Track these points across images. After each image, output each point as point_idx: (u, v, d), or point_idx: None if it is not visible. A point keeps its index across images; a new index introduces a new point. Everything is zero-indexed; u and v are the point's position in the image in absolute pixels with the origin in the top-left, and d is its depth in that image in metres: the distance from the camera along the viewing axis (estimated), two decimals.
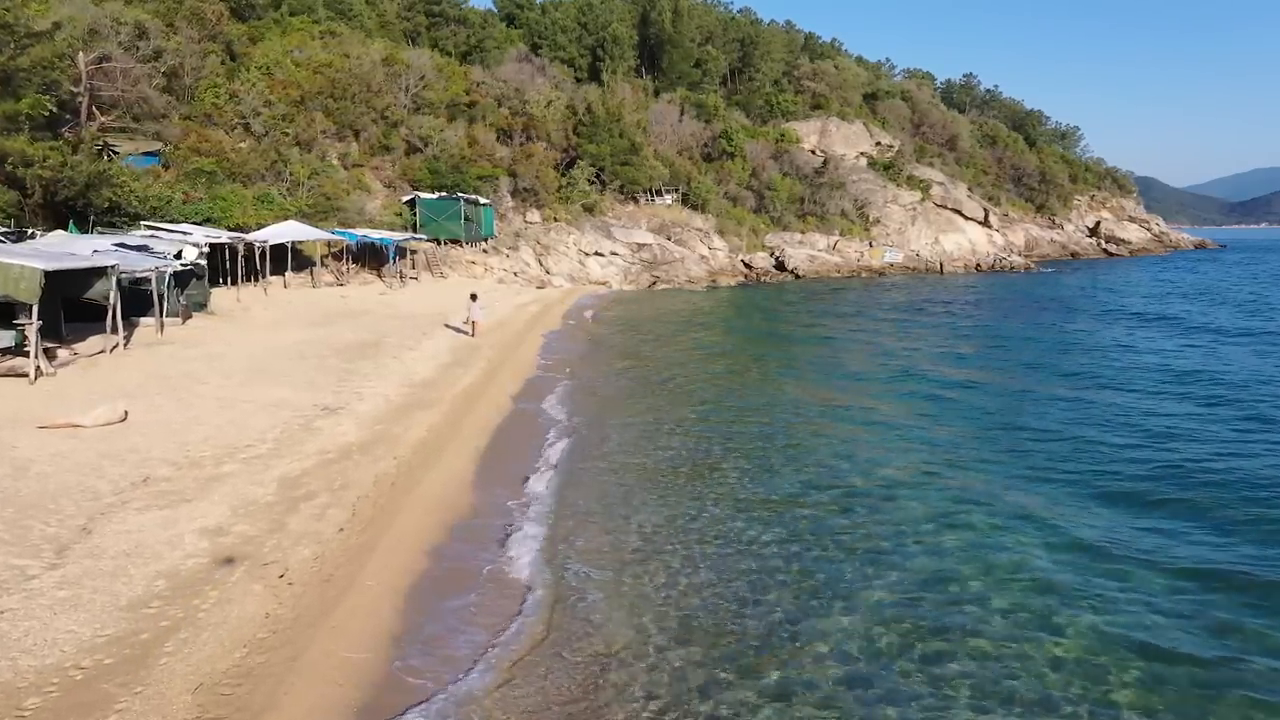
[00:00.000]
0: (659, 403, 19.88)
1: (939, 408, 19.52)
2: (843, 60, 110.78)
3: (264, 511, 10.68)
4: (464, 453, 14.06)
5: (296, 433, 14.55)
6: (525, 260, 53.43)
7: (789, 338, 33.28)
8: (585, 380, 22.43)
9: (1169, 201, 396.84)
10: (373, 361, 21.95)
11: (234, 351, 21.81)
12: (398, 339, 26.18)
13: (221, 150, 48.08)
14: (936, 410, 19.23)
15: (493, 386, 19.85)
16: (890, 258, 74.71)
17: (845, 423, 18.12)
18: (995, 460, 14.84)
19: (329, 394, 17.78)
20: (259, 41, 61.64)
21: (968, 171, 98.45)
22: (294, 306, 32.47)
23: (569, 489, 12.87)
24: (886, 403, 20.14)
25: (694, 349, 29.25)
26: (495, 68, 71.47)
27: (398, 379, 19.94)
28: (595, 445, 15.53)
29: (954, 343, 31.23)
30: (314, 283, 40.80)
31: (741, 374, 24.71)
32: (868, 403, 20.07)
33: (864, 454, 15.15)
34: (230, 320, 27.40)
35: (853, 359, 27.59)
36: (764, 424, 17.62)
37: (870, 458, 14.87)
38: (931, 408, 19.50)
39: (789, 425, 17.62)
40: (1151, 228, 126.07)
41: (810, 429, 17.38)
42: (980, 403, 20.07)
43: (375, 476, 12.24)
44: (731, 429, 17.11)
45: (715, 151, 74.45)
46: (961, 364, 26.29)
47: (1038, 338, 32.10)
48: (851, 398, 20.82)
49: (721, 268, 62.52)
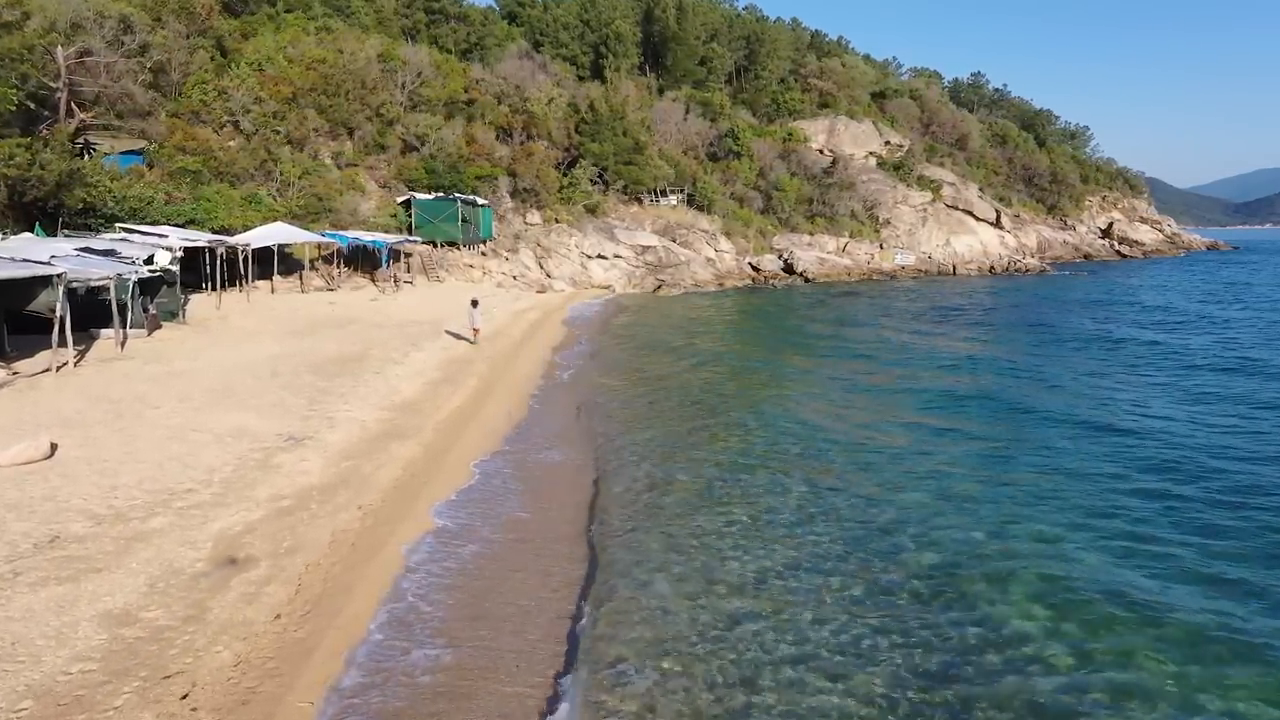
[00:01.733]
0: (669, 437, 16.92)
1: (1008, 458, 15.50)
2: (850, 58, 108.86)
3: (187, 588, 8.64)
4: (440, 503, 11.98)
5: (250, 472, 12.51)
6: (525, 263, 51.42)
7: (808, 349, 31.03)
8: (587, 400, 20.36)
9: (1173, 202, 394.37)
10: (353, 378, 19.91)
11: (200, 368, 19.78)
12: (384, 351, 24.15)
13: (209, 149, 46.10)
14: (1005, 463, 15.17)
15: (484, 410, 17.80)
16: (901, 260, 72.61)
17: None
18: (1106, 537, 11.41)
19: (297, 420, 15.75)
20: (251, 37, 59.67)
21: (978, 172, 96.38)
22: (277, 314, 30.44)
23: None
24: (956, 466, 15.07)
25: (704, 364, 27.06)
26: (495, 65, 69.41)
27: (378, 400, 17.90)
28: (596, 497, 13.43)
29: (1001, 360, 27.26)
30: (303, 288, 38.83)
31: (763, 398, 21.69)
32: (937, 456, 15.53)
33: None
34: (204, 330, 25.38)
35: (897, 391, 22.73)
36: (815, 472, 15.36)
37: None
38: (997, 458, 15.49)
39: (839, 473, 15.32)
40: (1164, 229, 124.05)
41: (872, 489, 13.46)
42: (1060, 445, 16.14)
43: (333, 534, 10.20)
44: (774, 478, 14.02)
45: (721, 151, 72.40)
46: (1019, 389, 22.24)
47: (1106, 357, 28.40)
48: (906, 440, 16.74)
49: (728, 270, 60.45)
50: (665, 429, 17.45)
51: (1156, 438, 16.73)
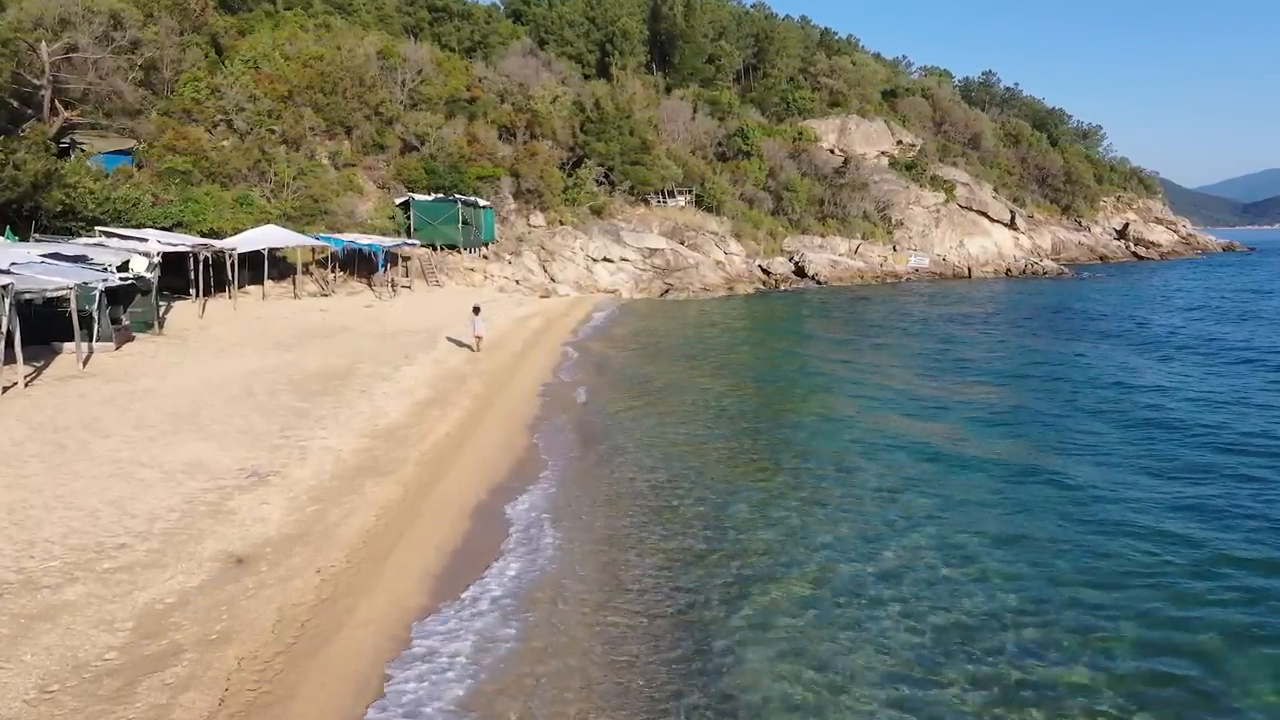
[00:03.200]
0: (702, 479, 14.45)
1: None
2: (860, 56, 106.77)
3: (85, 695, 6.89)
4: (417, 562, 10.18)
5: (199, 520, 10.77)
6: (528, 267, 49.66)
7: (823, 359, 29.24)
8: (592, 427, 18.54)
9: (1181, 203, 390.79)
10: (335, 398, 18.18)
11: (167, 387, 18.06)
12: (373, 365, 22.42)
13: (200, 148, 44.48)
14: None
15: (475, 438, 16.01)
16: (915, 262, 70.65)
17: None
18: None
19: (265, 450, 14.02)
20: (248, 35, 58.07)
21: (992, 172, 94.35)
22: (264, 323, 28.75)
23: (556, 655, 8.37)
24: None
25: (718, 378, 25.30)
26: (498, 62, 67.69)
27: (360, 424, 16.16)
28: (598, 556, 11.60)
29: (1034, 380, 24.59)
30: (295, 293, 37.11)
31: (788, 424, 19.64)
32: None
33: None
34: (181, 343, 23.66)
35: (925, 409, 20.59)
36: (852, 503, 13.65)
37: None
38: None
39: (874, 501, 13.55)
40: (1179, 230, 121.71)
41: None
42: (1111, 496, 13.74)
43: (280, 611, 8.44)
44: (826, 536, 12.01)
45: (730, 150, 70.57)
46: (1056, 420, 19.33)
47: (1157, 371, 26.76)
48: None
49: (738, 274, 58.61)
50: (693, 466, 15.37)
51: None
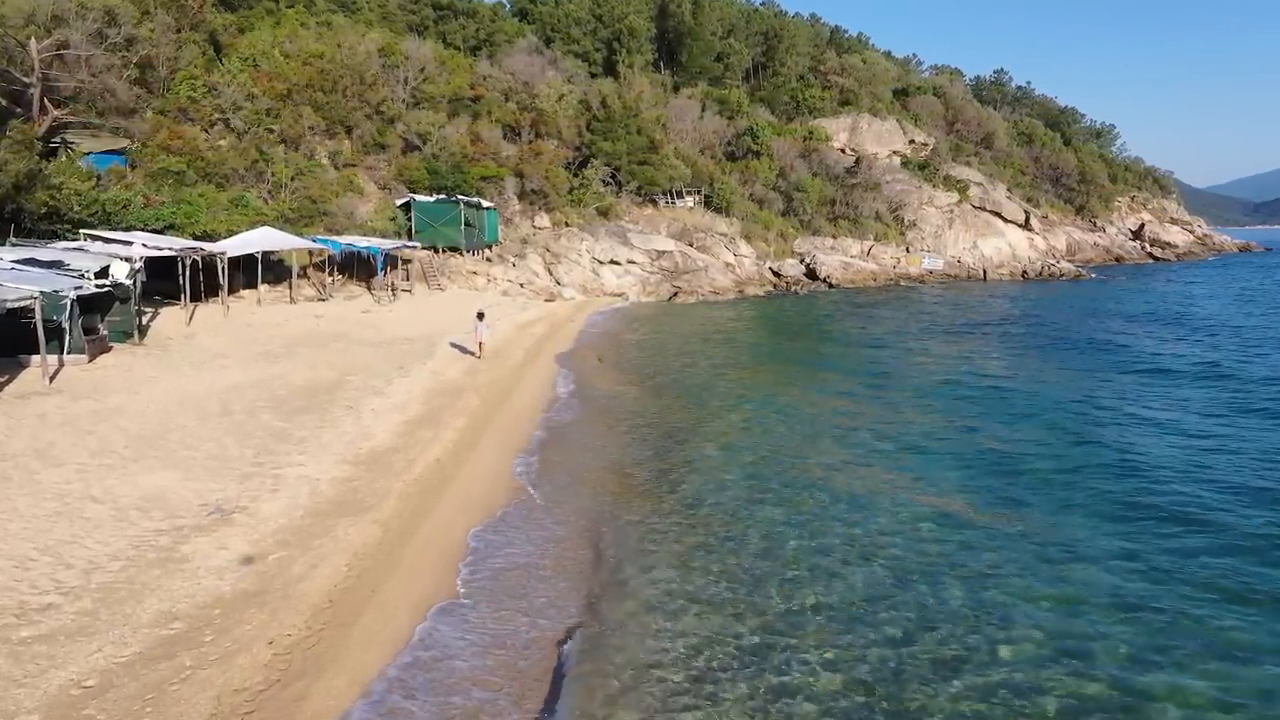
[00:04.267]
0: (718, 523, 12.78)
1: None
2: (870, 55, 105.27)
3: None
4: (388, 628, 8.75)
5: (145, 570, 9.41)
6: (533, 270, 48.27)
7: (858, 383, 27.71)
8: (595, 452, 17.14)
9: (1191, 202, 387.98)
10: (319, 417, 16.83)
11: (138, 404, 16.72)
12: (365, 377, 21.06)
13: (196, 148, 43.26)
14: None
15: (468, 466, 14.58)
16: (929, 264, 69.02)
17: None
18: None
19: (235, 479, 12.66)
20: (248, 33, 56.83)
21: (1005, 171, 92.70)
22: (254, 330, 27.42)
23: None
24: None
25: (733, 391, 23.90)
26: (503, 60, 66.35)
27: (342, 447, 14.80)
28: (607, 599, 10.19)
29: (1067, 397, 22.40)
30: (291, 297, 35.78)
31: (817, 457, 17.51)
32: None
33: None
34: (162, 354, 22.33)
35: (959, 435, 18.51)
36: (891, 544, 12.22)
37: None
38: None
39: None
40: (1194, 230, 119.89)
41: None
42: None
43: (216, 702, 7.05)
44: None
45: (739, 150, 69.10)
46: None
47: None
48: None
49: (748, 276, 57.11)
50: (722, 504, 13.70)
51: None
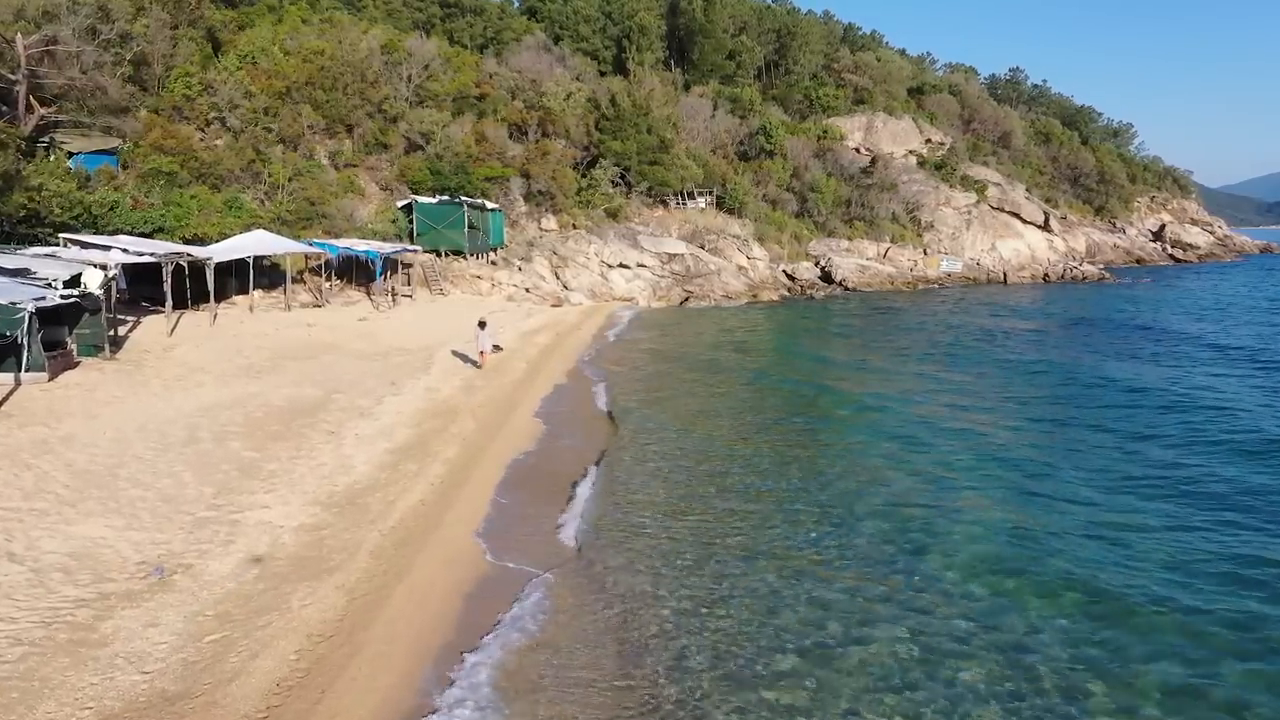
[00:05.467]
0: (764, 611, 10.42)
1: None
2: (885, 52, 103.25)
3: None
4: None
5: (51, 658, 7.71)
6: (539, 273, 46.57)
7: (892, 399, 25.86)
8: (601, 498, 15.35)
9: (1205, 202, 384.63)
10: (295, 445, 15.16)
11: (93, 431, 15.06)
12: (353, 395, 19.39)
13: (190, 148, 41.76)
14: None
15: (455, 509, 12.83)
16: (948, 267, 67.04)
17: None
18: None
19: (185, 527, 10.98)
20: (248, 29, 55.33)
21: (1023, 171, 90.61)
22: (240, 341, 25.79)
23: None
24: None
25: (755, 412, 22.13)
26: (510, 58, 64.69)
27: (315, 485, 13.10)
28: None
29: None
30: (286, 304, 34.15)
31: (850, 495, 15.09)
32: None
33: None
34: (134, 369, 20.68)
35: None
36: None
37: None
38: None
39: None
40: (1215, 231, 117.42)
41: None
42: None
43: None
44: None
45: (752, 149, 67.22)
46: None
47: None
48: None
49: (762, 280, 55.27)
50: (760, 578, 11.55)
51: None
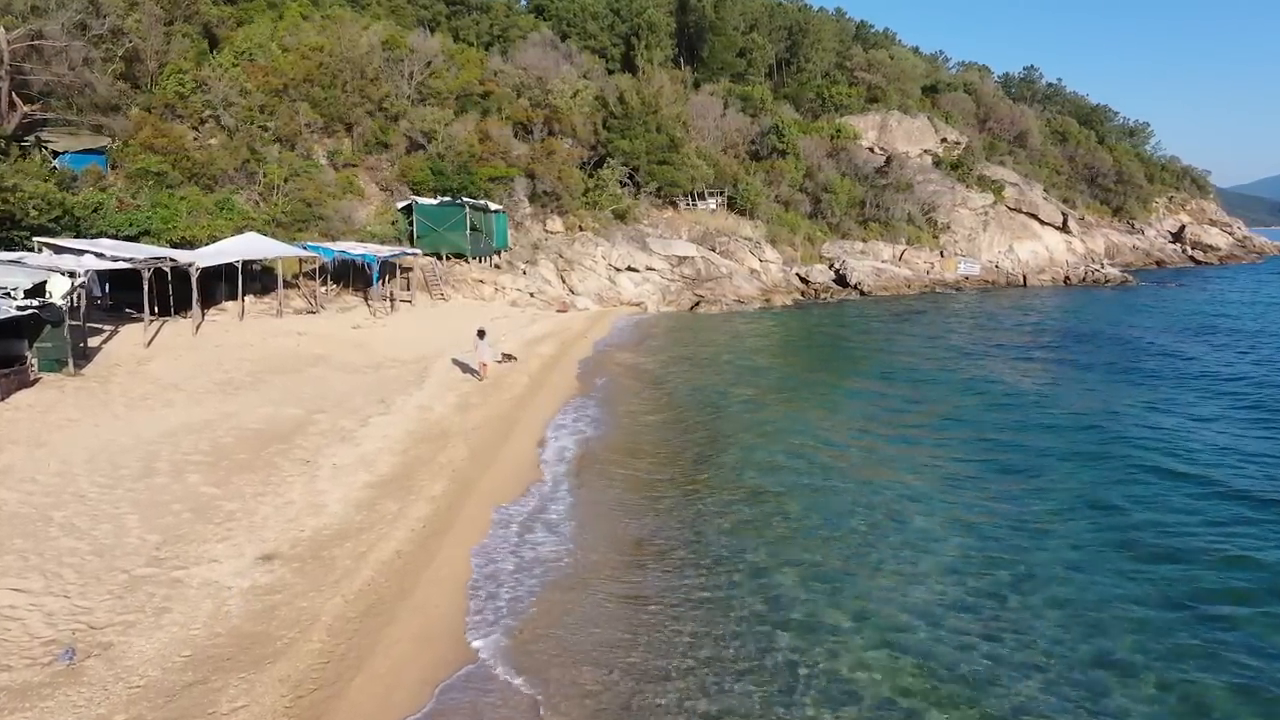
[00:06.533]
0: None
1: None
2: (898, 50, 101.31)
3: None
4: None
5: None
6: (544, 277, 44.85)
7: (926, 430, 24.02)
8: (593, 542, 13.58)
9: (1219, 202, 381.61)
10: (264, 475, 13.47)
11: (35, 463, 13.38)
12: (337, 415, 17.70)
13: (182, 147, 40.21)
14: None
15: (434, 565, 11.08)
16: (966, 270, 65.16)
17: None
18: None
19: (116, 590, 9.29)
20: (246, 25, 53.77)
21: (1041, 171, 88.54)
22: (222, 353, 24.14)
23: None
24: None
25: (777, 439, 20.36)
26: (516, 55, 63.01)
27: (278, 529, 11.41)
28: None
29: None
30: (279, 310, 32.47)
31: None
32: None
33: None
34: (99, 387, 19.02)
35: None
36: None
37: None
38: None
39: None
40: (1234, 232, 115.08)
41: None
42: None
43: None
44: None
45: (764, 149, 65.37)
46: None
47: None
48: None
49: (775, 284, 53.47)
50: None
51: None
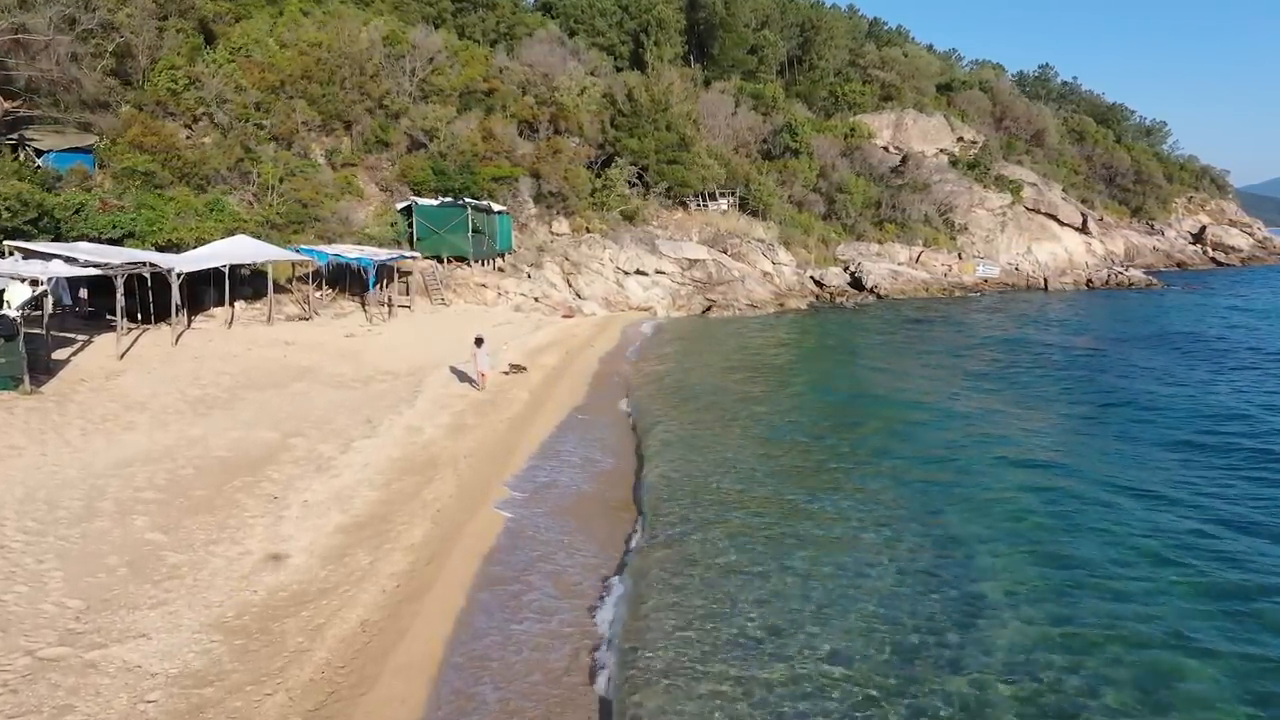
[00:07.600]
0: None
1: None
2: (912, 48, 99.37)
3: None
4: None
5: None
6: (550, 281, 43.13)
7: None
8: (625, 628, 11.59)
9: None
10: (221, 517, 11.75)
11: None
12: (315, 440, 15.98)
13: (173, 145, 38.63)
14: None
15: (407, 640, 9.31)
16: (985, 272, 63.26)
17: None
18: None
19: (8, 680, 7.55)
20: (244, 20, 52.16)
21: (1059, 170, 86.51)
22: (200, 365, 22.46)
23: None
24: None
25: (803, 474, 18.58)
26: (522, 51, 61.30)
27: (225, 591, 9.68)
28: None
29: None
30: (269, 317, 30.81)
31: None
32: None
33: None
34: (57, 406, 17.34)
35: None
36: None
37: None
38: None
39: None
40: (1255, 233, 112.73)
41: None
42: None
43: None
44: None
45: (777, 148, 63.52)
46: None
47: None
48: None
49: (789, 287, 51.63)
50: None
51: None
